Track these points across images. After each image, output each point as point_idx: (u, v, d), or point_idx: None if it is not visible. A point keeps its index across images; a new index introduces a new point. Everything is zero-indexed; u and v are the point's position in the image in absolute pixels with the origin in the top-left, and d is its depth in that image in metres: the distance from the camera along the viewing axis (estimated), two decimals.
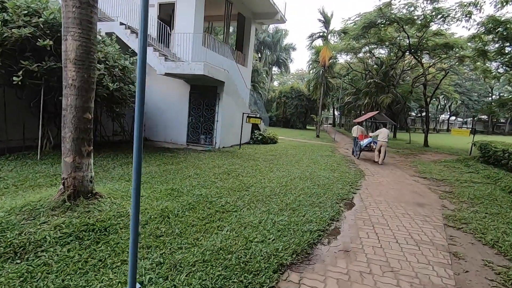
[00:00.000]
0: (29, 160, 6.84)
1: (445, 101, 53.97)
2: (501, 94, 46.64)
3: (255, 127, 15.36)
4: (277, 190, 6.01)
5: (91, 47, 3.67)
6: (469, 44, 18.55)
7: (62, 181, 3.75)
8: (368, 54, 26.44)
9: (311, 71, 30.42)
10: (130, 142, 11.04)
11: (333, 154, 13.25)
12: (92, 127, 3.88)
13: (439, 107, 55.93)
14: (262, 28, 18.81)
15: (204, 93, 11.45)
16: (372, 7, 16.61)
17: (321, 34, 21.93)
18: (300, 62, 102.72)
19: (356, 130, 13.30)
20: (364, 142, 12.30)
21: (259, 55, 45.87)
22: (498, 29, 17.21)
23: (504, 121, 56.01)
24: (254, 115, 12.01)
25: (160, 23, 11.34)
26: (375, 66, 24.60)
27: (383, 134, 11.31)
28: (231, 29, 20.88)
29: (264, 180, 6.84)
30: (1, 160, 6.55)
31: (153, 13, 12.04)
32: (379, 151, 11.39)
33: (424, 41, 19.65)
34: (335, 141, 21.71)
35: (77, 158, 3.73)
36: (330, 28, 21.83)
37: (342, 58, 30.56)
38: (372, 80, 20.78)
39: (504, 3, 15.44)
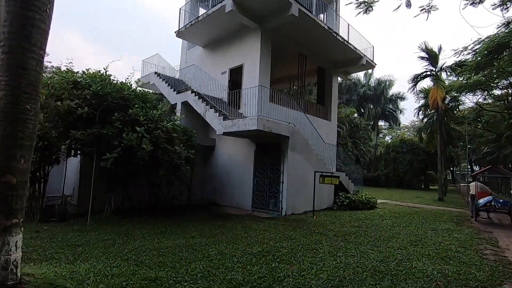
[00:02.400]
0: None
1: None
2: None
3: (341, 188, 12.57)
4: None
5: (21, 96, 3.03)
6: None
7: None
8: (510, 90, 19.95)
9: (423, 120, 25.19)
10: (196, 207, 10.48)
11: (459, 227, 8.88)
12: (18, 193, 3.02)
13: None
14: (349, 77, 17.04)
15: (268, 151, 10.17)
16: (496, 27, 12.60)
17: (427, 73, 18.11)
18: (413, 112, 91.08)
19: (473, 187, 11.69)
20: (482, 201, 10.48)
21: (362, 110, 42.83)
22: None
23: None
24: (330, 174, 9.64)
25: (229, 88, 11.45)
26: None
27: None
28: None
29: (311, 271, 4.43)
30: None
31: (225, 78, 12.44)
32: None
33: None
34: (468, 205, 15.60)
35: None
36: (440, 64, 17.86)
37: (468, 99, 24.29)
38: None
39: None
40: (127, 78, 8.04)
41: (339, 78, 17.12)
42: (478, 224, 9.96)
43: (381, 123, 46.71)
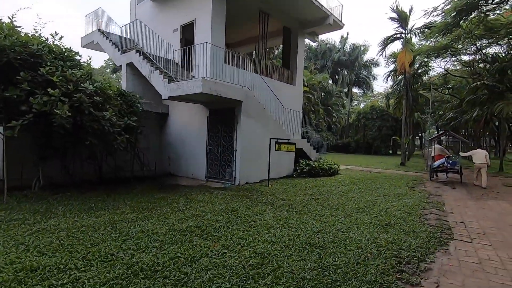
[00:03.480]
0: None
1: None
2: None
3: (304, 156, 12.27)
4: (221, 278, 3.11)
5: None
6: None
7: None
8: (477, 56, 19.90)
9: (395, 86, 25.12)
10: (147, 179, 9.77)
11: (412, 192, 8.89)
12: None
13: None
14: (316, 39, 16.09)
15: (221, 117, 9.42)
16: None
17: (397, 36, 17.50)
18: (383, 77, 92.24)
19: (434, 150, 12.52)
20: (436, 163, 11.63)
21: (336, 76, 42.33)
22: None
23: None
24: (286, 141, 9.15)
25: (182, 50, 10.23)
26: (484, 65, 18.10)
27: (478, 155, 10.40)
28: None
29: (235, 248, 3.98)
30: None
31: (176, 37, 11.15)
32: (477, 175, 10.66)
33: None
34: (427, 169, 16.07)
35: None
36: (410, 26, 17.25)
37: (437, 64, 24.29)
38: (480, 82, 14.82)
39: None
40: (36, 30, 6.71)
41: (307, 41, 16.13)
42: (432, 187, 10.10)
43: (355, 90, 46.78)
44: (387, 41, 17.76)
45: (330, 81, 39.54)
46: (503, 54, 16.00)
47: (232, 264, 3.47)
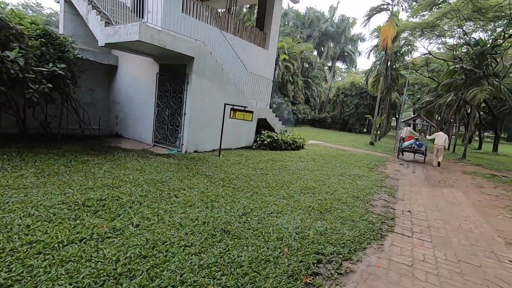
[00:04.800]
0: None
1: None
2: None
3: (267, 127, 11.48)
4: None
5: None
6: None
7: None
8: (461, 40, 19.21)
9: (377, 62, 24.26)
10: (86, 138, 8.64)
11: (370, 173, 8.45)
12: None
13: None
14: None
15: (171, 74, 8.26)
16: None
17: (383, 7, 16.32)
18: (365, 53, 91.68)
19: (404, 131, 13.24)
20: (406, 143, 12.62)
21: (322, 48, 40.80)
22: None
23: None
24: (243, 108, 8.24)
25: None
26: (466, 49, 17.53)
27: (439, 138, 11.44)
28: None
29: (125, 233, 3.20)
30: None
31: None
32: (437, 155, 11.43)
33: None
34: (395, 151, 15.97)
35: None
36: None
37: (421, 44, 23.48)
38: (458, 66, 14.27)
39: None
40: None
41: (289, 4, 14.62)
42: (392, 169, 9.77)
43: (339, 65, 45.69)
44: (373, 11, 16.56)
45: (315, 53, 38.09)
46: (486, 38, 15.40)
47: (106, 254, 2.69)
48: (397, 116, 47.71)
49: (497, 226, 4.92)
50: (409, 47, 23.16)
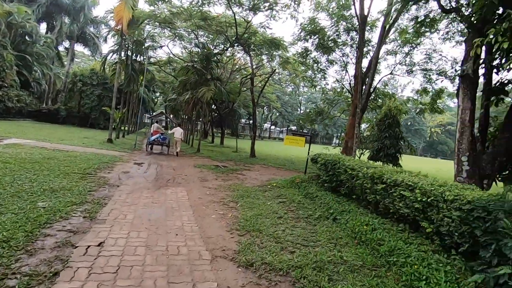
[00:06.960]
0: None
1: (268, 111, 58.84)
2: (307, 109, 54.98)
3: None
4: None
5: None
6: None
7: None
8: (193, 43, 21.21)
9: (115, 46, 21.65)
10: None
11: (80, 183, 6.00)
12: None
13: (263, 116, 60.46)
14: None
15: None
16: None
17: None
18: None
19: (152, 127, 14.85)
20: (152, 138, 13.83)
21: (54, 22, 32.00)
22: (316, 35, 15.97)
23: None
24: None
25: None
26: (196, 50, 19.48)
27: (177, 132, 13.96)
28: None
29: None
30: None
31: None
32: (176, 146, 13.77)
33: (251, 33, 16.24)
34: (135, 149, 14.54)
35: None
36: None
37: (165, 43, 23.91)
38: (190, 64, 15.15)
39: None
40: None
41: None
42: (118, 172, 7.91)
43: (81, 48, 38.49)
44: None
45: (42, 27, 29.11)
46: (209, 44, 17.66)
47: None
48: (151, 113, 48.25)
49: (207, 232, 4.29)
50: (154, 43, 22.83)
